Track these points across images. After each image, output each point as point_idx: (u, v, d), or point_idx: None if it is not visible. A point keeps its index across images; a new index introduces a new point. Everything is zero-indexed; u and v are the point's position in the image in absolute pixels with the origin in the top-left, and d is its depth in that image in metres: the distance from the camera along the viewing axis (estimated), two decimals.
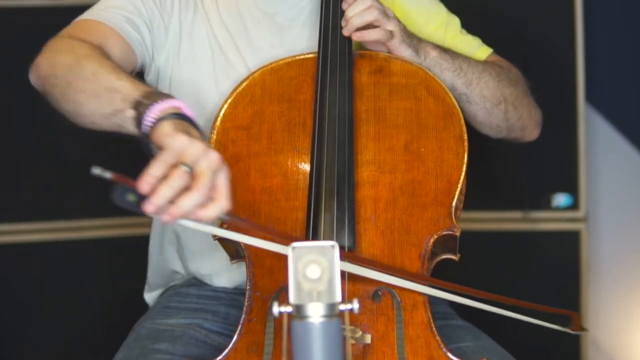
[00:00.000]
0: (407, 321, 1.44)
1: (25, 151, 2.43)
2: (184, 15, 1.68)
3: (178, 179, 1.20)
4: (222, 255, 1.56)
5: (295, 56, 1.60)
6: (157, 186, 1.20)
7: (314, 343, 1.13)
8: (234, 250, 1.52)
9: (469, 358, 1.50)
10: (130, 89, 1.36)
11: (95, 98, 1.40)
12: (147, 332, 1.60)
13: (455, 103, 1.57)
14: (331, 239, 1.44)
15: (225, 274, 1.70)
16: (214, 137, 1.53)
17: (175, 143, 1.23)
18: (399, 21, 1.62)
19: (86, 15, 1.61)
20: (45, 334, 2.44)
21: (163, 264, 1.77)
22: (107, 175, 1.18)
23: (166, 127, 1.27)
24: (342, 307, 1.16)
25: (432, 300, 1.47)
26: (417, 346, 1.43)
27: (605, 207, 2.56)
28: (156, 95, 1.33)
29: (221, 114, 1.54)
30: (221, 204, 1.23)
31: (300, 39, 1.69)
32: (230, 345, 1.44)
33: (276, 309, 1.17)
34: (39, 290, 2.45)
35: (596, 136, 2.53)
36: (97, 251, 2.47)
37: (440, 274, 1.51)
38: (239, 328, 1.45)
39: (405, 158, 1.51)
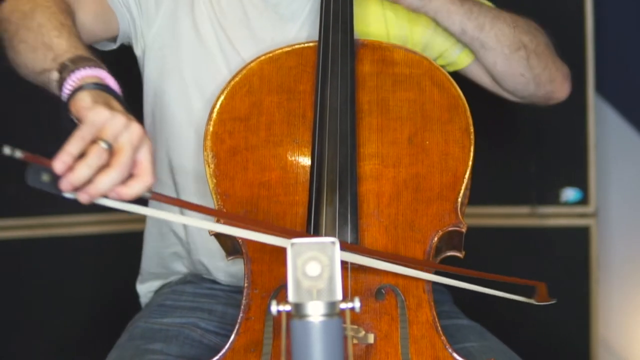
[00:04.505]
0: (412, 320, 1.42)
1: (12, 143, 2.39)
2: None
3: (96, 157, 1.17)
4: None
5: (294, 45, 1.57)
6: (74, 165, 1.16)
7: (313, 343, 1.11)
8: (231, 246, 1.50)
9: (475, 358, 1.48)
10: (63, 50, 1.33)
11: (32, 51, 1.38)
12: (141, 332, 1.58)
13: (461, 94, 1.54)
14: (333, 234, 1.42)
15: (223, 268, 1.67)
16: (210, 128, 1.50)
17: (95, 117, 1.19)
18: None
19: None
20: (35, 334, 2.43)
21: (162, 249, 1.74)
22: (18, 154, 1.14)
23: (85, 99, 1.23)
24: (343, 305, 1.14)
25: (437, 299, 1.46)
26: (422, 346, 1.41)
27: (616, 202, 2.56)
28: (84, 61, 1.30)
29: (218, 104, 1.52)
30: (144, 180, 1.20)
31: (302, 31, 1.66)
32: (228, 345, 1.41)
33: (274, 307, 1.15)
34: (29, 289, 2.44)
35: (606, 128, 2.53)
36: (89, 248, 2.46)
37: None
38: (237, 327, 1.42)
39: (409, 151, 1.49)
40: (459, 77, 1.67)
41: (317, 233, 1.42)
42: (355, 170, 1.46)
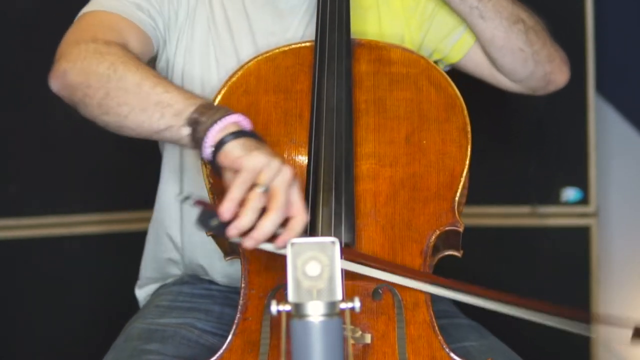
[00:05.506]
0: (409, 320, 1.42)
1: (12, 143, 2.41)
2: None
3: (257, 201, 1.24)
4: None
5: (291, 44, 1.57)
6: (239, 212, 1.24)
7: (313, 343, 1.12)
8: (229, 247, 1.49)
9: (474, 358, 1.48)
10: (182, 104, 1.35)
11: (142, 112, 1.37)
12: (138, 332, 1.57)
13: (458, 93, 1.54)
14: (329, 234, 1.41)
15: (220, 269, 1.67)
16: None
17: (253, 164, 1.26)
18: None
19: (92, 7, 1.56)
20: (33, 333, 2.43)
21: (158, 254, 1.73)
22: (190, 201, 1.26)
23: (236, 150, 1.28)
24: (343, 305, 1.15)
25: (435, 298, 1.45)
26: (419, 346, 1.40)
27: (617, 202, 2.55)
28: (212, 110, 1.33)
29: (215, 104, 1.50)
30: (302, 219, 1.27)
31: (300, 26, 1.66)
32: (225, 345, 1.41)
33: (274, 307, 1.16)
34: (29, 289, 2.43)
35: (607, 128, 2.52)
36: (89, 248, 2.45)
37: (445, 271, 1.49)
38: (234, 327, 1.42)
39: (406, 151, 1.49)
40: (458, 77, 1.66)
41: (313, 233, 1.41)
42: (352, 169, 1.46)
